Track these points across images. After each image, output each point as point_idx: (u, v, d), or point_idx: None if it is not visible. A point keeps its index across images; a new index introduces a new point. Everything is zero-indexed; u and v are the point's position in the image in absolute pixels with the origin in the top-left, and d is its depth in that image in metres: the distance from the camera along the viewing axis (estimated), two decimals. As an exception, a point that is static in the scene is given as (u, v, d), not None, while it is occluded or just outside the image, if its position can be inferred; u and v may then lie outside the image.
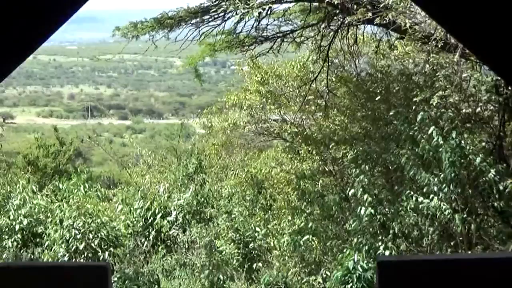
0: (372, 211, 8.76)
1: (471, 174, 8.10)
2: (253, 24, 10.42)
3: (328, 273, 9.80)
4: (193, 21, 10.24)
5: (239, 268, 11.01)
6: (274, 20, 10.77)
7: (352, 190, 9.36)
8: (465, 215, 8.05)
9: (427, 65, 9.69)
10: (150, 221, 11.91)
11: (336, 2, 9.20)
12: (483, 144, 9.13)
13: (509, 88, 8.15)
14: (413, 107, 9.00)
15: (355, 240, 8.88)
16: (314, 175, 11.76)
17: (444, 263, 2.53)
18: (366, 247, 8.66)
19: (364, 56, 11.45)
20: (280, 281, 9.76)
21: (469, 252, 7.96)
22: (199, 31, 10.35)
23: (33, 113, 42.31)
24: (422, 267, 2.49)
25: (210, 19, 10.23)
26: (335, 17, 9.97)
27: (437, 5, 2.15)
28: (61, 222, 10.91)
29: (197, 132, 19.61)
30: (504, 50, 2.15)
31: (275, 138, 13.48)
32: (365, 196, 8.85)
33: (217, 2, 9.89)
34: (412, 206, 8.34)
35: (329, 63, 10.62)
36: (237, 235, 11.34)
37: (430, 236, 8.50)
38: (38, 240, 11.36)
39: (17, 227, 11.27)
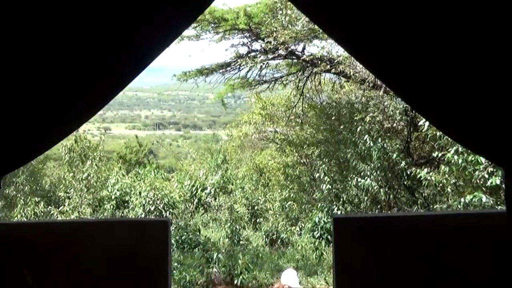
0: (330, 187, 8.77)
1: (390, 164, 8.09)
2: (257, 72, 10.44)
3: (302, 224, 9.79)
4: (221, 70, 10.27)
5: (248, 222, 10.99)
6: (270, 70, 10.78)
7: (317, 174, 9.35)
8: (386, 190, 8.04)
9: (363, 97, 9.67)
10: (194, 193, 11.89)
11: (308, 59, 9.21)
12: (397, 146, 9.11)
13: (413, 111, 8.13)
14: (355, 123, 8.98)
15: (319, 204, 8.87)
16: (294, 165, 11.74)
17: (376, 219, 2.55)
18: (326, 209, 8.66)
19: (324, 92, 11.43)
20: (273, 230, 9.74)
21: (389, 212, 7.94)
22: (224, 76, 10.38)
23: (123, 127, 42.24)
24: (362, 221, 2.50)
25: (231, 70, 10.26)
26: (307, 68, 9.97)
27: (370, 61, 2.16)
28: (140, 193, 10.90)
29: (223, 138, 19.58)
30: (410, 88, 2.16)
31: (271, 142, 13.47)
32: (325, 178, 8.86)
33: (235, 59, 9.92)
34: (354, 184, 8.34)
35: (303, 97, 10.62)
36: (247, 201, 11.32)
37: (365, 202, 8.48)
38: (125, 205, 11.34)
39: (112, 196, 11.25)
